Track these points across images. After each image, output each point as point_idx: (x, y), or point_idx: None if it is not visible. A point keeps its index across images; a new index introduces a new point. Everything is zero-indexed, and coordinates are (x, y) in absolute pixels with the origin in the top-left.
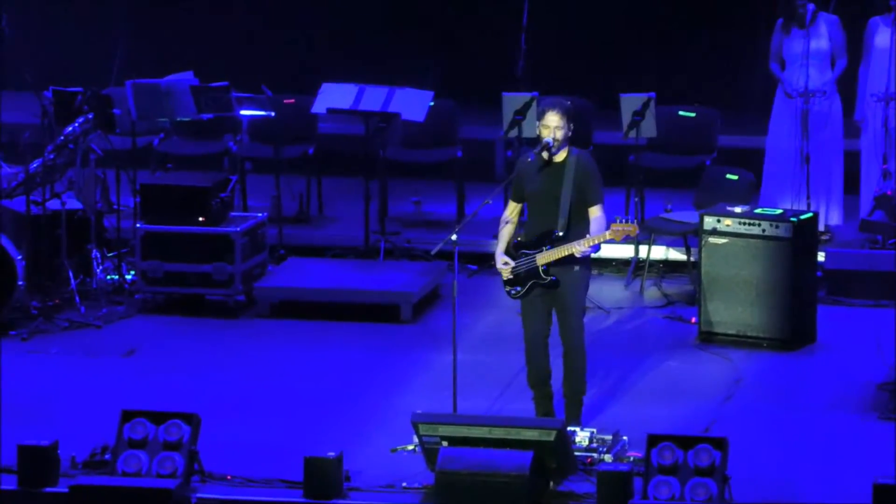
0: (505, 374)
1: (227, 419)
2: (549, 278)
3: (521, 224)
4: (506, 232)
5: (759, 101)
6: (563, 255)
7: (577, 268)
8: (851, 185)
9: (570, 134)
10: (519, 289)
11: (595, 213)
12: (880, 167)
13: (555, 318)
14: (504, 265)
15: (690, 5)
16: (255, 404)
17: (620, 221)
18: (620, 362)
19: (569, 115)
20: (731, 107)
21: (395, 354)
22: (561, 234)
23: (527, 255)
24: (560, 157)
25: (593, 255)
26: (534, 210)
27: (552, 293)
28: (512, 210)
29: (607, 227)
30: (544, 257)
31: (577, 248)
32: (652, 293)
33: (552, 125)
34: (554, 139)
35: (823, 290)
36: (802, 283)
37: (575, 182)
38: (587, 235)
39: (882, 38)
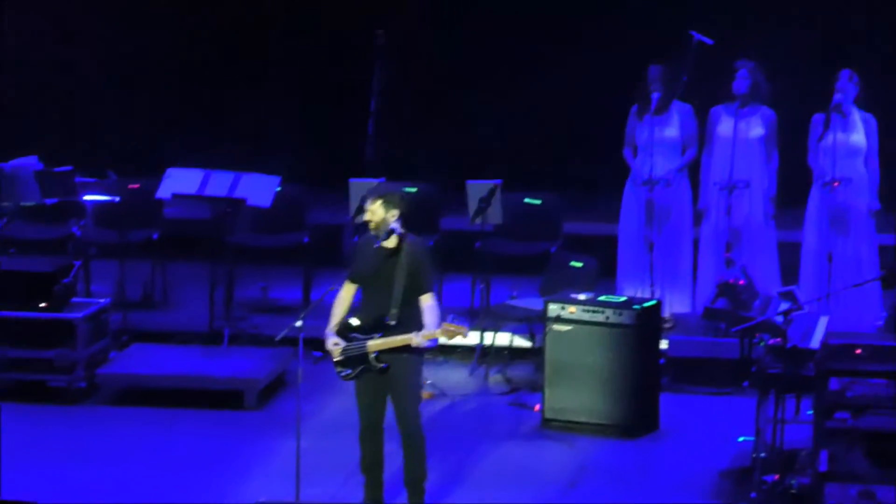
0: (350, 461)
1: None
2: (379, 365)
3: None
4: (339, 311)
5: (608, 188)
6: (394, 345)
7: (406, 355)
8: None
9: (390, 218)
10: (349, 372)
11: (427, 300)
12: (723, 255)
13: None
14: (335, 346)
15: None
16: (97, 493)
17: (451, 322)
18: (465, 448)
19: (384, 200)
20: (579, 193)
21: (239, 442)
22: (393, 323)
23: (358, 339)
24: (392, 242)
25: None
26: (367, 293)
27: (386, 378)
28: (346, 291)
29: (439, 325)
30: (375, 345)
31: (417, 339)
32: (497, 379)
33: (375, 213)
34: (373, 224)
35: (666, 377)
36: (645, 370)
37: (408, 269)
38: (422, 328)
39: (725, 126)
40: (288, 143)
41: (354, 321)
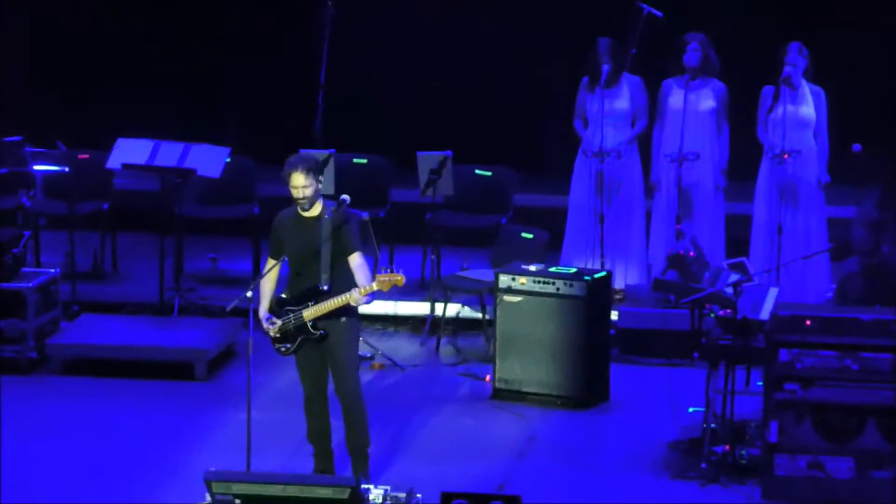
0: (299, 432)
1: (17, 478)
2: (318, 332)
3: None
4: (267, 290)
5: (559, 160)
6: (332, 307)
7: (343, 319)
8: None
9: (319, 187)
10: (289, 346)
11: (356, 259)
12: (674, 227)
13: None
14: (271, 324)
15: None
16: (47, 462)
17: (385, 272)
18: (416, 419)
19: (313, 171)
20: (529, 165)
21: (189, 412)
22: (326, 287)
23: (293, 311)
24: (314, 211)
25: (385, 313)
26: (296, 267)
27: (323, 347)
28: (271, 267)
29: (372, 280)
30: (311, 312)
31: (354, 297)
32: (447, 351)
33: (299, 185)
34: (304, 197)
35: (617, 348)
36: (596, 342)
37: (332, 233)
38: (356, 285)
39: (676, 99)
40: (237, 114)
41: (286, 294)
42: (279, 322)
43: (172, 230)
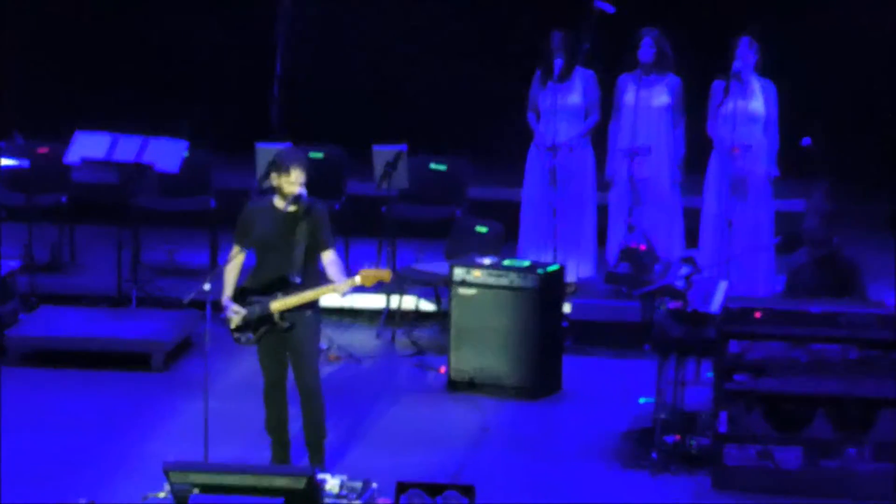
0: (257, 422)
1: None
2: (284, 324)
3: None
4: (231, 278)
5: (513, 153)
6: (306, 300)
7: (308, 312)
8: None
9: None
10: (251, 336)
11: (329, 256)
12: (626, 221)
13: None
14: (235, 313)
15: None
16: (5, 453)
17: (370, 267)
18: (371, 410)
19: (305, 170)
20: (484, 158)
21: (146, 402)
22: (299, 280)
23: (259, 301)
24: (295, 206)
25: (341, 305)
26: (265, 257)
27: (286, 338)
28: (236, 255)
29: (355, 273)
30: (280, 304)
31: (342, 287)
32: (403, 342)
33: (297, 181)
34: (297, 194)
35: (569, 339)
36: (549, 333)
37: (308, 229)
38: (330, 279)
39: (630, 94)
40: (193, 107)
41: (251, 284)
42: (243, 311)
43: (130, 222)
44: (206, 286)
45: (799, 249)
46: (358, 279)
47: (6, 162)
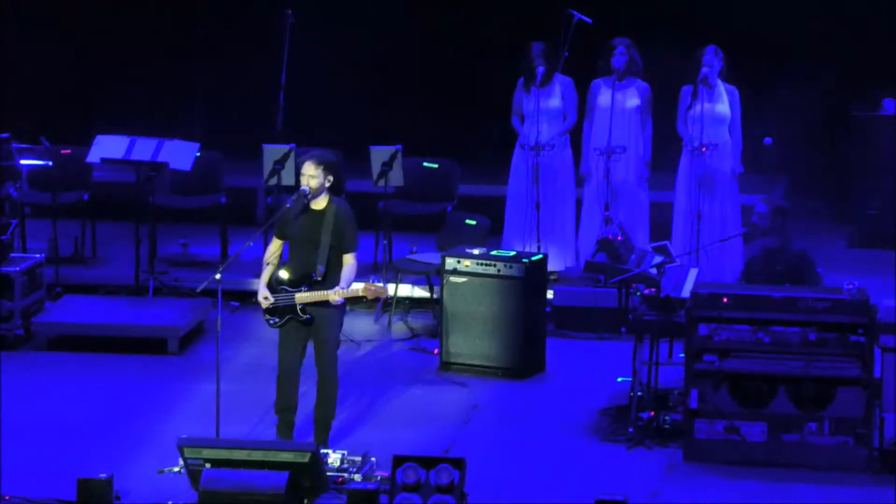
0: (264, 402)
1: (5, 443)
2: (305, 316)
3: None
4: (270, 267)
5: (498, 154)
6: (319, 299)
7: (331, 306)
8: None
9: (326, 183)
10: (277, 320)
11: (349, 259)
12: (603, 214)
13: (310, 349)
14: (265, 299)
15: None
16: (32, 429)
17: (374, 283)
18: (369, 390)
19: (324, 166)
20: (471, 158)
21: (162, 384)
22: (319, 278)
23: (287, 291)
24: (320, 204)
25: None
26: (295, 251)
27: (308, 327)
28: (275, 246)
29: (350, 283)
30: (302, 297)
31: (333, 296)
32: (398, 327)
33: (307, 173)
34: (308, 187)
35: (552, 324)
36: (533, 318)
37: (334, 229)
38: (341, 284)
39: (604, 98)
40: (206, 111)
41: (284, 275)
42: (272, 298)
43: (146, 218)
44: (217, 276)
45: (755, 241)
46: (361, 291)
47: (32, 163)
